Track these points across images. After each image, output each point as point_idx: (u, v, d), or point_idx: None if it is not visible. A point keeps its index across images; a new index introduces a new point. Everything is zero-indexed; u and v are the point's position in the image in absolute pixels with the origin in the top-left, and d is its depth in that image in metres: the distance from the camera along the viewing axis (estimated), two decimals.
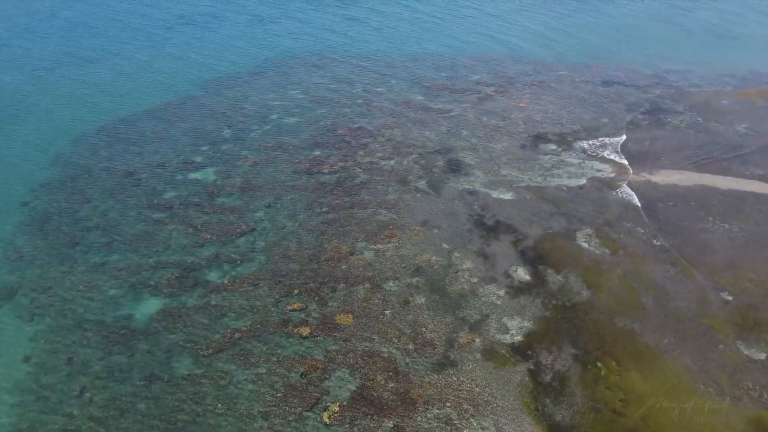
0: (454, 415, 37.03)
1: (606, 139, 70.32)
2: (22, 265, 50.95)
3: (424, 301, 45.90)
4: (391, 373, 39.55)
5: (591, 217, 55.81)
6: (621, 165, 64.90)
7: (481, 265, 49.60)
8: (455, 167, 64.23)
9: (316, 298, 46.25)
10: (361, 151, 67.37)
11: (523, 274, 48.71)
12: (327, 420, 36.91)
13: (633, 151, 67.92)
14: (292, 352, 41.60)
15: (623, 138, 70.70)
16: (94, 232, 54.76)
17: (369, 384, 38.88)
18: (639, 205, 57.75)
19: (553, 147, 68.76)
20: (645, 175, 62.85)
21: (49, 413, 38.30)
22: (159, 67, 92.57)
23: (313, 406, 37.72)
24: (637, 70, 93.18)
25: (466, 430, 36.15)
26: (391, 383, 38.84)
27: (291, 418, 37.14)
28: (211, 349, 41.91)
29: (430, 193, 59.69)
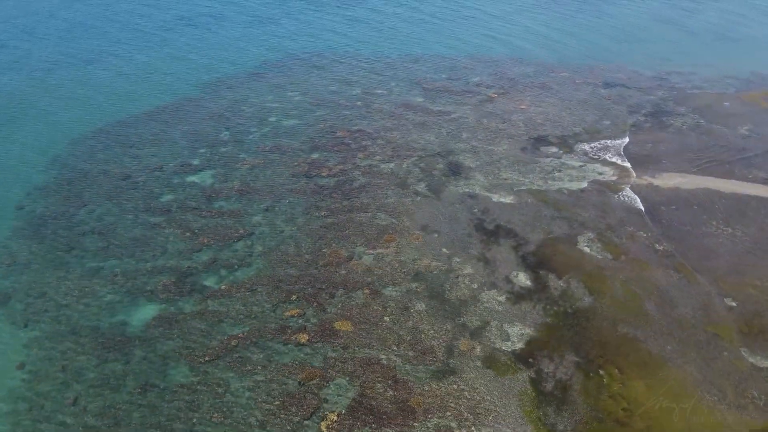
0: (455, 424, 36.36)
1: (608, 142, 69.67)
2: (17, 270, 50.37)
3: (423, 307, 45.25)
4: (390, 381, 38.90)
5: (593, 221, 55.16)
6: (623, 168, 64.21)
7: (481, 271, 48.97)
8: (455, 170, 63.60)
9: (315, 304, 45.61)
10: (360, 154, 66.74)
11: (524, 279, 48.07)
12: (325, 429, 36.25)
13: (635, 154, 67.26)
14: (290, 359, 40.97)
15: (626, 140, 70.05)
16: (90, 236, 54.16)
17: (368, 392, 38.23)
18: (642, 209, 57.10)
19: (554, 150, 68.11)
20: (647, 179, 62.19)
21: (43, 422, 37.68)
22: (158, 69, 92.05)
23: (311, 415, 37.06)
24: (638, 72, 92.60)
25: None
26: (391, 391, 38.19)
27: (289, 428, 36.49)
28: (208, 357, 41.28)
29: (429, 197, 59.06)
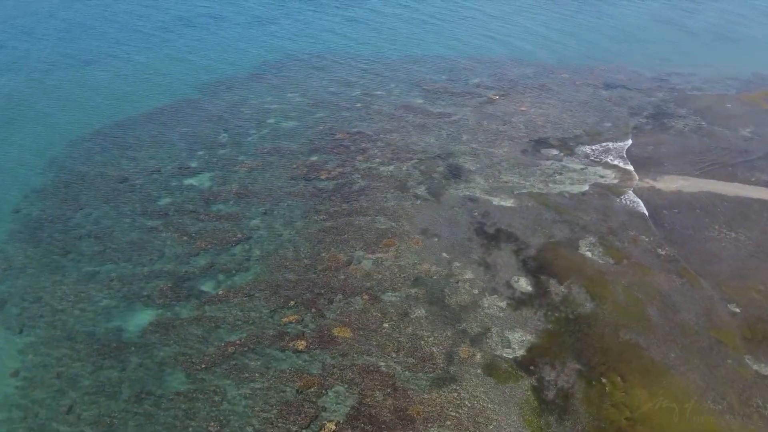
0: None
1: (609, 144, 69.14)
2: (12, 275, 49.78)
3: (423, 313, 44.71)
4: (389, 389, 38.35)
5: (594, 225, 54.63)
6: (625, 171, 63.66)
7: (481, 276, 48.43)
8: (455, 173, 63.07)
9: (313, 310, 45.07)
10: (359, 157, 66.20)
11: (525, 284, 47.53)
12: None
13: (636, 156, 66.73)
14: (287, 366, 40.40)
15: (628, 143, 69.47)
16: (87, 240, 53.62)
17: (367, 401, 37.68)
18: (644, 212, 56.52)
19: (555, 152, 67.58)
20: (649, 182, 61.66)
21: (38, 430, 37.05)
22: (156, 70, 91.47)
23: (309, 424, 36.49)
24: (639, 73, 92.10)
25: None
26: (390, 400, 37.64)
27: None
28: (205, 364, 40.72)
29: (429, 200, 58.52)
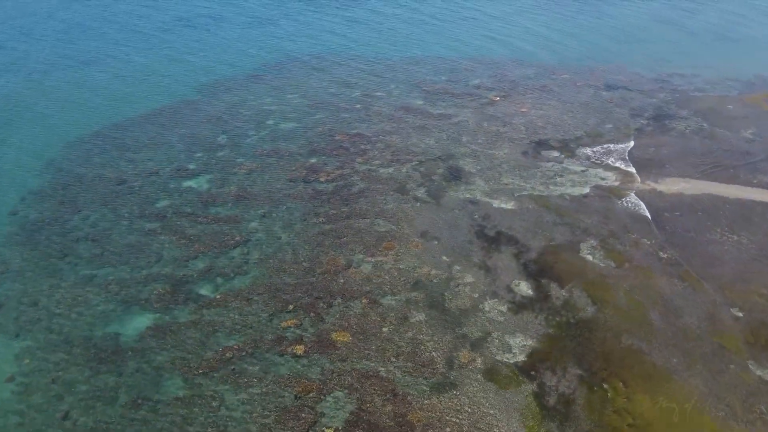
0: None
1: (611, 146, 68.70)
2: (9, 278, 49.40)
3: (423, 317, 44.31)
4: (389, 395, 37.95)
5: (595, 228, 54.21)
6: (626, 173, 63.24)
7: (482, 279, 48.03)
8: (455, 175, 62.67)
9: (312, 314, 44.67)
10: (359, 158, 65.79)
11: (525, 288, 47.12)
12: None
13: (637, 158, 66.30)
14: (286, 371, 40.01)
15: (630, 144, 69.03)
16: (85, 243, 53.22)
17: (366, 407, 37.26)
18: (646, 215, 56.08)
19: (555, 154, 67.17)
20: (650, 184, 61.25)
21: None
22: (156, 70, 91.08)
23: (307, 431, 36.06)
24: (639, 74, 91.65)
25: None
26: (389, 406, 37.22)
27: None
28: (203, 369, 40.31)
29: (429, 203, 58.11)
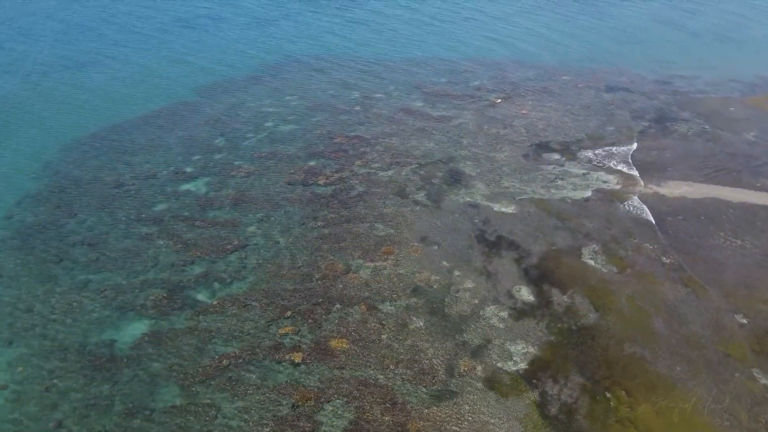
0: None
1: (613, 149, 68.03)
2: (4, 283, 48.68)
3: (422, 324, 43.66)
4: (387, 404, 37.29)
5: (597, 232, 53.58)
6: (629, 176, 62.57)
7: (482, 285, 47.38)
8: (455, 178, 62.02)
9: (310, 321, 44.02)
10: (358, 161, 65.14)
11: (526, 294, 46.48)
12: None
13: (639, 161, 65.65)
14: (283, 380, 39.33)
15: (633, 147, 68.35)
16: (80, 247, 52.55)
17: (365, 416, 36.62)
18: (649, 219, 55.39)
19: (556, 157, 66.51)
20: (652, 187, 60.59)
21: None
22: (154, 71, 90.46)
23: None
24: (641, 75, 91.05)
25: None
26: (388, 416, 36.57)
27: None
28: (199, 377, 39.65)
29: (429, 206, 57.45)
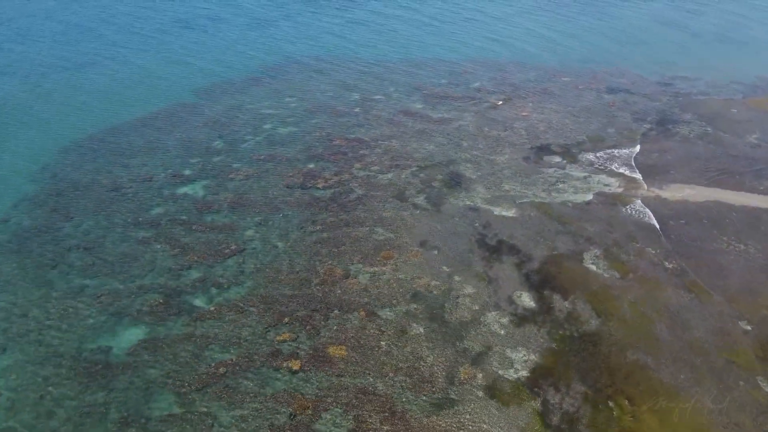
0: None
1: (614, 151, 67.44)
2: None
3: (422, 330, 43.06)
4: (386, 413, 36.69)
5: (599, 236, 52.96)
6: (631, 179, 61.96)
7: (483, 290, 46.77)
8: (455, 181, 61.43)
9: (308, 327, 43.42)
10: (357, 164, 64.55)
11: (527, 300, 45.88)
12: None
13: (640, 164, 65.04)
14: (281, 388, 38.72)
15: (636, 149, 67.72)
16: (77, 251, 51.94)
17: (363, 426, 36.01)
18: (652, 223, 54.75)
19: (557, 159, 65.92)
20: (654, 190, 59.99)
21: None
22: (153, 73, 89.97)
23: None
24: (642, 76, 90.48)
25: None
26: (387, 425, 35.96)
27: None
28: (195, 386, 39.04)
29: (429, 210, 56.86)
